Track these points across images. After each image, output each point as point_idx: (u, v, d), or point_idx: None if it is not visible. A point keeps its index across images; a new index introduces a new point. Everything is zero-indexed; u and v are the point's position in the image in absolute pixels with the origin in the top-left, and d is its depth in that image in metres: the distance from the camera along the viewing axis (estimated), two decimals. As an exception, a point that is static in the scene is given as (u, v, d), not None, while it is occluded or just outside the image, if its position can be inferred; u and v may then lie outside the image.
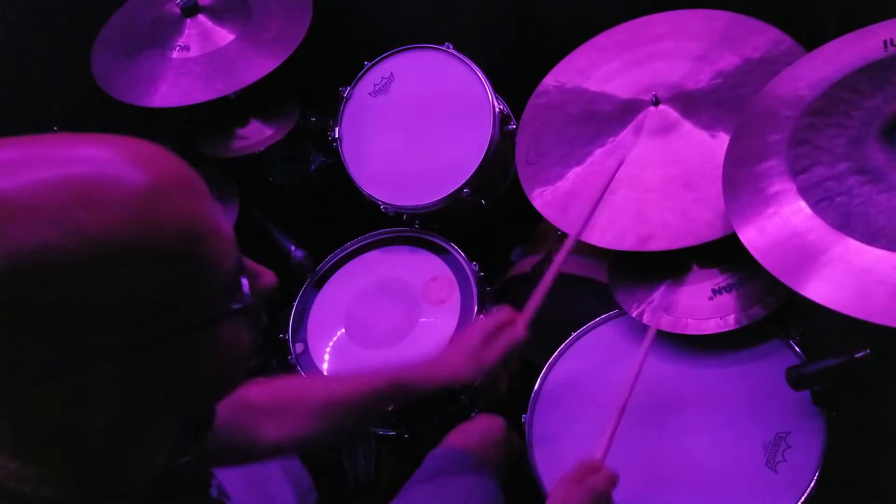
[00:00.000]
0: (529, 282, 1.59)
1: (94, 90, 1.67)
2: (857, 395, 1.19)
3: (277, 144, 1.83)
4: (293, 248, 1.72)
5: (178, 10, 1.73)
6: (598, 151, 1.38)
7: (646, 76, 1.43)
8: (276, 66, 1.65)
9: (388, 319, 1.59)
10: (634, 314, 1.29)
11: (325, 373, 1.55)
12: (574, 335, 1.37)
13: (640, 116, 1.37)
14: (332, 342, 1.60)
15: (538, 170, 1.42)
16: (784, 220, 1.04)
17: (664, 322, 1.25)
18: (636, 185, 1.32)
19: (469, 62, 1.62)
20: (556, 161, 1.41)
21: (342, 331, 1.61)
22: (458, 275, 1.60)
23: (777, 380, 1.12)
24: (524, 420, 1.31)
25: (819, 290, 0.96)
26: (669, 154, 1.32)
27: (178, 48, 1.70)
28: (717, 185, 1.15)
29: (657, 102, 1.36)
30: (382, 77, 1.71)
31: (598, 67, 1.49)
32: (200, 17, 1.74)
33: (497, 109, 1.57)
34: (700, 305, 1.25)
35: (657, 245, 1.25)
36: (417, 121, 1.66)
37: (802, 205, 1.04)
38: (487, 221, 1.75)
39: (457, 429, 1.35)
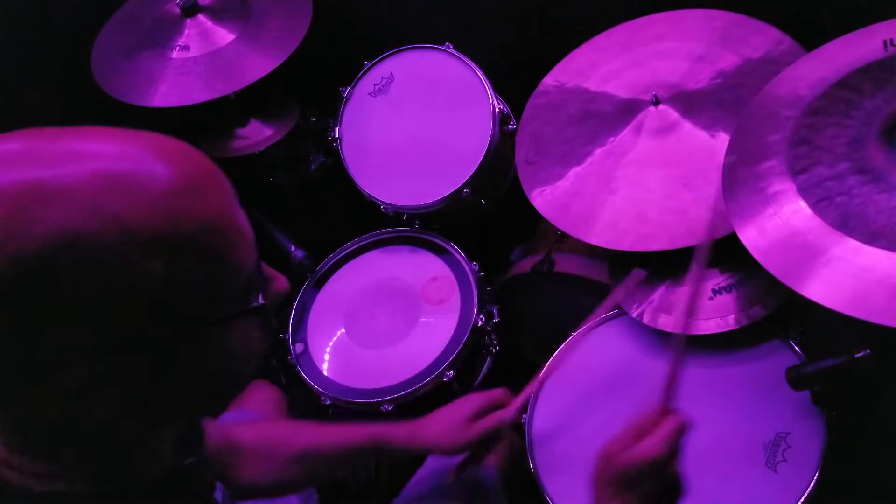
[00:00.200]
0: (529, 282, 1.59)
1: (94, 90, 1.67)
2: (857, 395, 1.19)
3: (277, 144, 1.84)
4: (293, 248, 1.72)
5: (178, 10, 1.73)
6: (598, 151, 1.38)
7: (646, 76, 1.43)
8: (276, 66, 1.65)
9: (388, 319, 1.59)
10: (634, 314, 1.29)
11: (325, 373, 1.55)
12: (574, 335, 1.37)
13: (640, 116, 1.37)
14: (332, 342, 1.60)
15: (538, 170, 1.42)
16: (784, 220, 1.04)
17: (663, 322, 1.25)
18: (636, 185, 1.32)
19: (469, 62, 1.62)
20: (556, 161, 1.41)
21: (342, 331, 1.61)
22: (458, 275, 1.60)
23: (777, 380, 1.12)
24: (524, 420, 1.31)
25: (819, 291, 0.96)
26: (669, 154, 1.32)
27: (178, 48, 1.70)
28: (717, 185, 1.15)
29: (657, 102, 1.36)
30: (382, 77, 1.71)
31: (598, 67, 1.49)
32: (200, 17, 1.74)
33: (497, 109, 1.57)
34: (700, 305, 1.25)
35: (657, 245, 1.25)
36: (417, 121, 1.66)
37: (802, 205, 1.04)
38: (487, 221, 1.75)
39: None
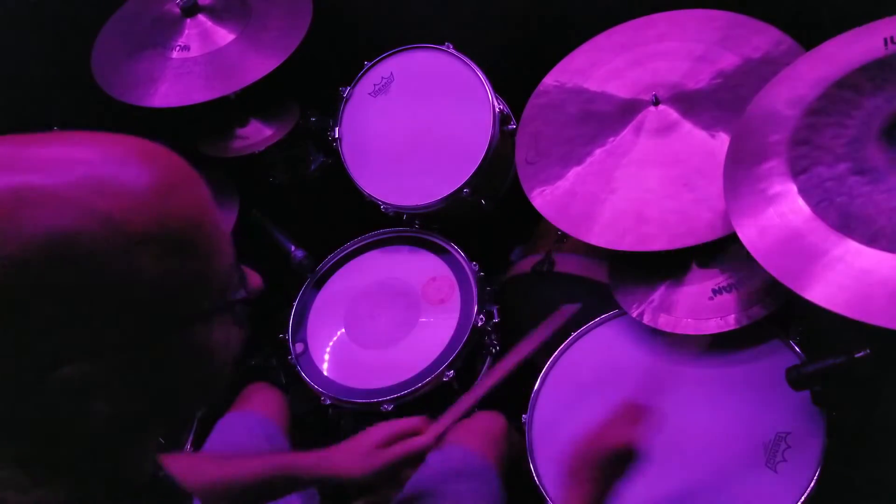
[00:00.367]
0: (529, 282, 1.59)
1: (94, 90, 1.66)
2: (857, 395, 1.19)
3: (277, 144, 1.83)
4: (293, 248, 1.72)
5: (178, 10, 1.73)
6: (598, 151, 1.38)
7: (646, 76, 1.43)
8: (276, 66, 1.64)
9: (388, 319, 1.59)
10: (634, 314, 1.29)
11: (325, 373, 1.55)
12: (574, 335, 1.37)
13: (640, 116, 1.37)
14: (332, 342, 1.60)
15: (538, 169, 1.42)
16: (784, 221, 1.04)
17: (663, 322, 1.25)
18: (636, 185, 1.32)
19: (469, 62, 1.62)
20: (556, 161, 1.41)
21: (342, 331, 1.61)
22: (458, 275, 1.60)
23: (777, 380, 1.12)
24: (524, 420, 1.31)
25: (819, 292, 0.96)
26: (669, 154, 1.32)
27: (178, 48, 1.70)
28: (717, 185, 1.15)
29: (657, 102, 1.36)
30: (382, 77, 1.71)
31: (598, 67, 1.49)
32: (200, 17, 1.74)
33: (497, 109, 1.57)
34: (700, 305, 1.25)
35: (657, 245, 1.25)
36: (417, 121, 1.66)
37: (803, 205, 1.03)
38: (487, 221, 1.74)
39: (458, 426, 1.34)
